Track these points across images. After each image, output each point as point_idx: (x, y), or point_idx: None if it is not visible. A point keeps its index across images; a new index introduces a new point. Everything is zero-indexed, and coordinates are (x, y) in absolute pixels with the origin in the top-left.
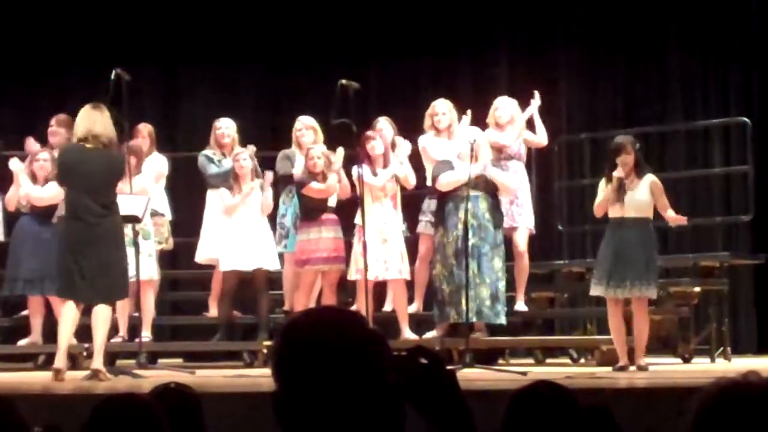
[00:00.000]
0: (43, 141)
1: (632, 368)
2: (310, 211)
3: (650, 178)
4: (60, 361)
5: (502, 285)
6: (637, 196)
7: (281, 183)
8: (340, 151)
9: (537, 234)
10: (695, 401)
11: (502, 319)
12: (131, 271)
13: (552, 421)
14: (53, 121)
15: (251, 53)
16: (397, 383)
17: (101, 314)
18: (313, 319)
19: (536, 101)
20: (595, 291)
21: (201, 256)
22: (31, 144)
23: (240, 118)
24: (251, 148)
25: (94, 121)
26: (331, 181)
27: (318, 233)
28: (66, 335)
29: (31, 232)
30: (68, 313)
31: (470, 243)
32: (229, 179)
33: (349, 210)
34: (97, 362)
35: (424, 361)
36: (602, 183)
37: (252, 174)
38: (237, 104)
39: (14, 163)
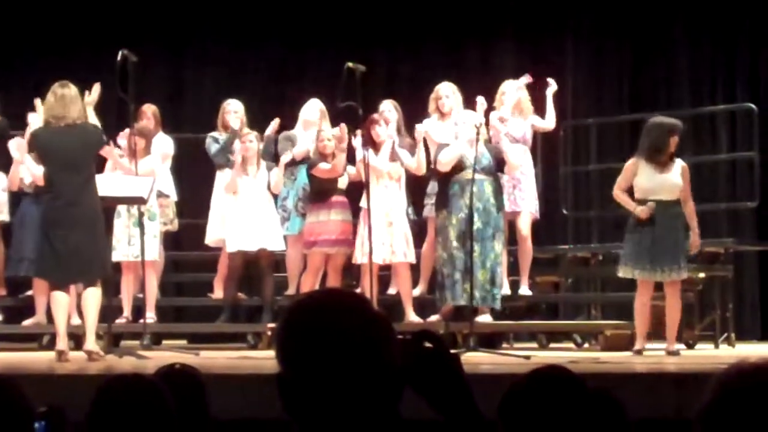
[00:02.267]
0: None
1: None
2: (320, 192)
3: (681, 163)
4: (62, 343)
5: (500, 269)
6: (672, 179)
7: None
8: (343, 126)
9: (542, 218)
10: (714, 384)
11: (497, 303)
12: (136, 252)
13: (559, 406)
14: None
15: (258, 35)
16: (401, 366)
17: (91, 295)
18: (317, 301)
19: (553, 87)
20: (623, 272)
21: (210, 238)
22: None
23: (246, 101)
24: (275, 122)
25: (52, 103)
26: (339, 161)
27: (327, 215)
28: (62, 318)
29: (35, 212)
30: (59, 297)
31: (475, 227)
32: (231, 153)
33: (355, 193)
34: (90, 343)
35: (428, 345)
36: (630, 162)
37: (258, 156)
38: (243, 85)
39: (15, 143)
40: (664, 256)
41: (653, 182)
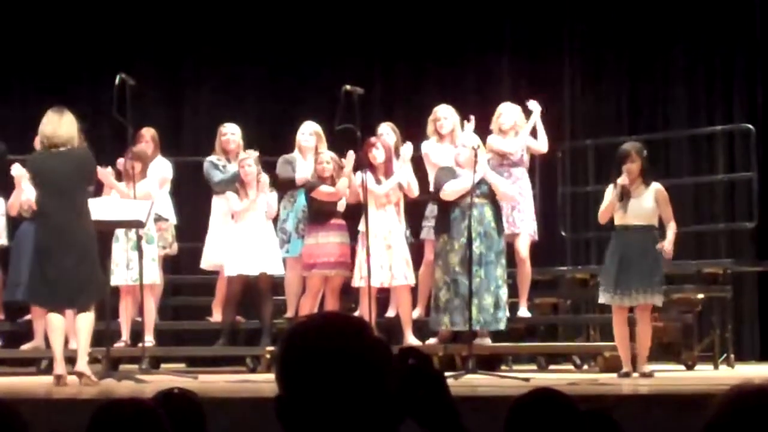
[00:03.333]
0: None
1: (635, 375)
2: (319, 215)
3: (656, 186)
4: (59, 368)
5: (503, 292)
6: (642, 203)
7: (282, 188)
8: (351, 154)
9: (540, 240)
10: (716, 404)
11: (503, 326)
12: (134, 276)
13: (552, 429)
14: None
15: (256, 58)
16: (399, 390)
17: (82, 320)
18: (318, 324)
19: (537, 108)
20: (602, 299)
21: (206, 263)
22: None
23: (244, 123)
24: (253, 153)
25: (45, 124)
26: (341, 184)
27: (326, 238)
28: (58, 343)
29: (33, 237)
30: (54, 321)
31: (477, 251)
32: (234, 184)
33: (354, 216)
34: (81, 365)
35: (412, 362)
36: (609, 189)
37: (257, 179)
38: (241, 109)
39: (16, 169)
40: (632, 281)
41: (623, 207)
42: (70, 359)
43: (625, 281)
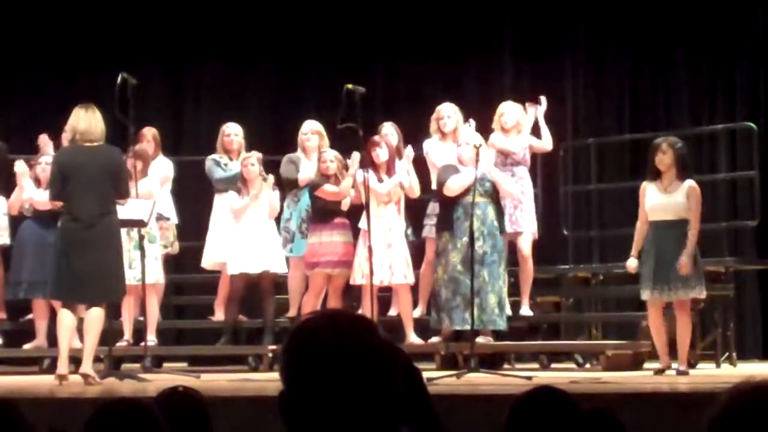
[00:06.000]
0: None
1: (671, 371)
2: (323, 213)
3: (690, 183)
4: (63, 367)
5: (505, 291)
6: (675, 199)
7: (285, 187)
8: (356, 155)
9: (543, 238)
10: (718, 403)
11: (504, 325)
12: (137, 275)
13: (553, 426)
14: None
15: (258, 57)
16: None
17: (93, 317)
18: (325, 321)
19: (542, 106)
20: (644, 295)
21: (207, 262)
22: (45, 142)
23: (246, 122)
24: (256, 153)
25: (78, 119)
26: (345, 184)
27: (330, 236)
28: (65, 341)
29: (34, 235)
30: (65, 319)
31: (480, 251)
32: (236, 183)
33: (354, 213)
34: (86, 366)
35: None
36: (643, 185)
37: (263, 177)
38: (243, 108)
39: (19, 166)
40: (667, 276)
41: (655, 202)
42: (73, 358)
43: (664, 277)
